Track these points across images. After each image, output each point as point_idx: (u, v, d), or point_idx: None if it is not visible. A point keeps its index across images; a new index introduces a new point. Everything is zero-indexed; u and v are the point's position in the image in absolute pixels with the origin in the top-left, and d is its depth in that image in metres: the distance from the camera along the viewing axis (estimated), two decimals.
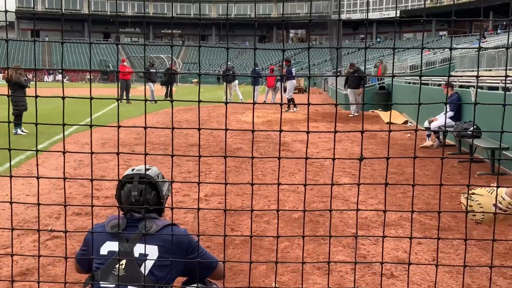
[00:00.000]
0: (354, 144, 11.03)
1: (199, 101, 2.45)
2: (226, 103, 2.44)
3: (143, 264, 2.49)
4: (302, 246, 4.72)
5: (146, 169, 2.76)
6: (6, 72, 11.99)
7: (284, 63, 19.97)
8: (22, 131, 12.03)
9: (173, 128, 2.38)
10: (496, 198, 2.40)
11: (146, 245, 2.49)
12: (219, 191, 6.73)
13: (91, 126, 2.16)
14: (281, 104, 2.19)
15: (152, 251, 2.52)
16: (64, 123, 2.13)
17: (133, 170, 2.79)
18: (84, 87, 41.33)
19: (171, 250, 2.53)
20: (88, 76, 63.68)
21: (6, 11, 2.27)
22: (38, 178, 2.17)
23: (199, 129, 2.36)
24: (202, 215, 5.65)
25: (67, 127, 11.30)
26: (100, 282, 2.49)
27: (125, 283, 2.44)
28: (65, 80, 64.31)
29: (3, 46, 69.67)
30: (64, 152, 2.18)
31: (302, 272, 2.54)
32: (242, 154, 9.67)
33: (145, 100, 2.16)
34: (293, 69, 20.55)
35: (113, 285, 2.46)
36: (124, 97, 21.99)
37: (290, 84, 19.68)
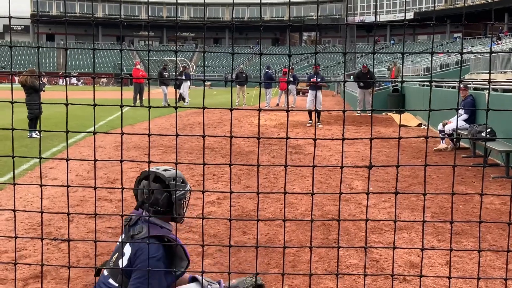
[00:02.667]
0: (368, 146, 10.98)
1: (204, 108, 2.47)
2: (231, 109, 2.45)
3: (120, 261, 2.64)
4: (314, 250, 4.71)
5: (164, 170, 2.83)
6: (22, 76, 12.19)
7: (315, 66, 19.28)
8: (36, 134, 12.11)
9: (177, 135, 2.39)
10: None
11: (129, 245, 2.63)
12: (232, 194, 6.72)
13: (94, 133, 2.16)
14: (287, 110, 2.18)
15: (128, 253, 2.65)
16: (67, 130, 2.14)
17: (157, 169, 2.83)
18: (98, 90, 41.59)
19: (133, 260, 2.64)
20: (102, 80, 64.16)
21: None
22: (41, 185, 2.18)
23: (203, 136, 2.37)
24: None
25: (81, 130, 11.38)
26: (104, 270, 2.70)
27: (110, 276, 2.63)
28: (79, 83, 64.86)
29: (20, 51, 70.42)
30: (67, 160, 2.19)
31: (310, 281, 2.53)
32: (254, 157, 9.66)
33: (149, 107, 2.17)
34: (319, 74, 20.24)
35: (106, 274, 2.66)
36: (138, 100, 22.12)
37: (320, 96, 16.57)
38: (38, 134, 12.20)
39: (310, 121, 15.77)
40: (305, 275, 2.31)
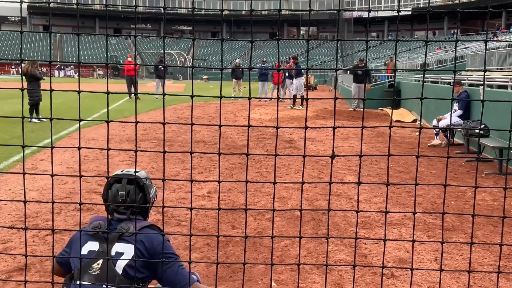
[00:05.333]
0: (362, 142, 10.94)
1: (192, 96, 2.42)
2: (220, 97, 2.40)
3: (118, 263, 2.51)
4: (302, 245, 4.67)
5: (135, 172, 2.77)
6: (24, 65, 13.22)
7: (291, 61, 20.05)
8: (36, 119, 13.20)
9: (164, 123, 2.34)
10: None
11: (123, 244, 2.52)
12: (222, 187, 6.69)
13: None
14: (277, 99, 2.14)
15: (128, 250, 2.54)
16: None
17: (122, 171, 2.80)
18: (94, 82, 41.45)
19: (147, 251, 2.56)
20: (99, 72, 63.94)
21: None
22: (24, 174, 2.13)
23: (191, 125, 2.33)
24: (204, 212, 5.62)
25: (72, 123, 11.32)
26: (77, 281, 2.50)
27: (100, 283, 2.46)
28: (75, 75, 64.64)
29: (17, 42, 70.09)
30: (51, 148, 2.14)
31: (299, 273, 2.49)
32: (249, 150, 9.62)
33: (136, 100, 2.13)
34: (301, 67, 20.39)
35: (89, 283, 2.47)
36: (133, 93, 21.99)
37: (299, 82, 19.51)
38: (42, 119, 13.25)
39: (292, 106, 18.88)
40: (293, 264, 2.27)
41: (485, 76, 12.60)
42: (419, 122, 14.74)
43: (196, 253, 4.42)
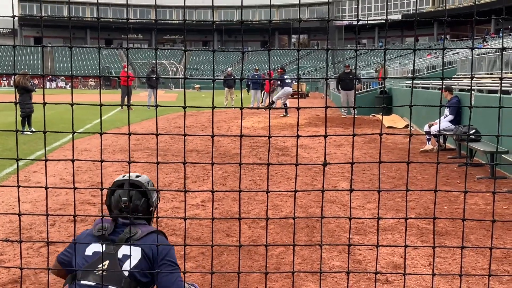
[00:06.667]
0: (354, 148, 10.97)
1: (185, 107, 2.44)
2: (212, 108, 2.42)
3: (125, 265, 2.54)
4: (297, 252, 4.69)
5: (136, 176, 2.81)
6: (16, 77, 13.17)
7: (278, 70, 20.25)
8: (29, 131, 13.22)
9: (157, 134, 2.36)
10: None
11: (131, 248, 2.54)
12: (216, 196, 6.70)
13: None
14: (268, 108, 2.16)
15: (136, 254, 2.57)
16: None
17: (123, 176, 2.82)
18: (86, 93, 41.40)
19: (151, 257, 2.58)
20: (91, 83, 63.85)
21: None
22: (18, 187, 2.14)
23: (184, 135, 2.35)
24: (198, 221, 5.62)
25: (65, 134, 11.29)
26: (81, 281, 2.52)
27: (105, 283, 2.48)
28: (67, 86, 64.48)
29: (8, 54, 69.92)
30: (45, 160, 2.15)
31: (293, 280, 2.51)
32: (242, 159, 9.63)
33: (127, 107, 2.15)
34: (285, 76, 20.44)
35: (93, 283, 2.50)
36: (126, 103, 21.99)
37: (283, 91, 19.34)
38: (34, 131, 13.26)
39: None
40: (288, 272, 2.29)
41: (476, 81, 12.65)
42: (411, 128, 14.84)
43: (191, 262, 4.42)
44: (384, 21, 69.07)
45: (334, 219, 5.67)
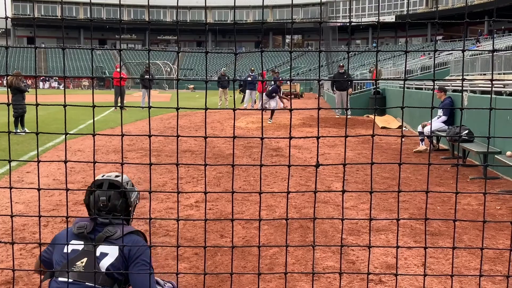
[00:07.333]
0: (348, 149, 11.01)
1: (178, 108, 2.44)
2: (205, 109, 2.42)
3: (102, 263, 2.60)
4: (291, 253, 4.69)
5: (116, 176, 2.84)
6: (7, 78, 13.08)
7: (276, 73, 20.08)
8: (22, 132, 13.15)
9: (150, 135, 2.36)
10: None
11: (109, 246, 2.60)
12: (210, 197, 6.70)
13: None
14: (260, 109, 2.17)
15: (113, 252, 2.62)
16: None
17: (103, 176, 2.85)
18: (80, 93, 41.25)
19: (128, 256, 2.65)
20: (84, 83, 63.63)
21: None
22: (10, 188, 2.13)
23: (177, 137, 2.35)
24: (192, 221, 5.61)
25: (59, 134, 11.27)
26: (59, 278, 2.57)
27: (82, 280, 2.54)
28: (61, 87, 64.24)
29: (3, 54, 69.71)
30: (38, 162, 2.15)
31: (286, 281, 2.51)
32: (236, 159, 9.63)
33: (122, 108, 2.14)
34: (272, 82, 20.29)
35: (71, 280, 2.54)
36: (119, 104, 21.94)
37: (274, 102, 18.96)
38: (27, 131, 13.17)
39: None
40: (281, 273, 2.29)
41: (469, 82, 12.66)
42: (405, 129, 14.90)
43: (185, 263, 4.42)
44: (382, 21, 69.24)
45: (328, 220, 5.68)
